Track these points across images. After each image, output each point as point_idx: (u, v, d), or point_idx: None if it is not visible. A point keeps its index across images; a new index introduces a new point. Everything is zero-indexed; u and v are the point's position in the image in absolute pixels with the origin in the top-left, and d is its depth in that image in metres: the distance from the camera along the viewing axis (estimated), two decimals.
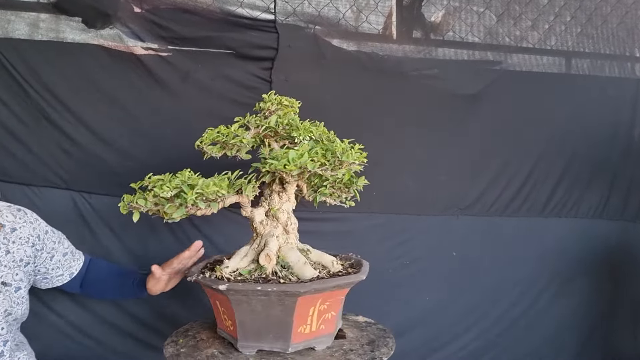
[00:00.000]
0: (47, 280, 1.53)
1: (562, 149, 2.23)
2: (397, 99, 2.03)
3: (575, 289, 2.25)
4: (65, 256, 1.53)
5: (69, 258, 1.54)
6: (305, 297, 1.17)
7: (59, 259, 1.51)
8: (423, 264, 2.10)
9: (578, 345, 2.26)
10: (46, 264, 1.48)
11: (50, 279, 1.53)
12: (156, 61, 1.82)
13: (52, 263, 1.49)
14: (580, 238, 2.27)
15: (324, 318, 1.26)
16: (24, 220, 1.41)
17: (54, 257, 1.49)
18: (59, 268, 1.52)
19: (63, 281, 1.55)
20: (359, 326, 1.46)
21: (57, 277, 1.53)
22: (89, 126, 1.83)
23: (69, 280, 1.56)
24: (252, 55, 1.88)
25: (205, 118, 1.79)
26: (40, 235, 1.44)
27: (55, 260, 1.50)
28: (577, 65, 2.30)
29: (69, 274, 1.55)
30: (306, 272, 1.25)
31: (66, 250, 1.53)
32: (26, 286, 1.42)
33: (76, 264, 1.56)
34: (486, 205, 2.16)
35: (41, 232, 1.45)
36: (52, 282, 1.54)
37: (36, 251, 1.44)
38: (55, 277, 1.53)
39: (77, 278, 1.58)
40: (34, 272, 1.47)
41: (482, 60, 2.16)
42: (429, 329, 2.10)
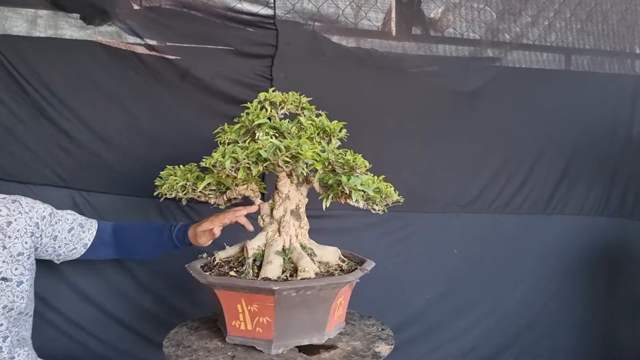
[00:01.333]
0: (62, 257, 1.53)
1: (562, 146, 2.22)
2: (397, 95, 2.03)
3: (575, 287, 2.25)
4: (71, 231, 1.51)
5: (77, 231, 1.52)
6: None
7: (64, 237, 1.49)
8: (423, 261, 2.09)
9: (578, 343, 2.26)
10: (51, 244, 1.47)
11: (65, 254, 1.52)
12: (155, 58, 1.82)
13: (57, 242, 1.48)
14: (580, 235, 2.27)
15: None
16: (19, 212, 1.40)
17: (57, 237, 1.48)
18: (68, 244, 1.50)
19: (80, 253, 1.54)
20: (358, 322, 1.46)
21: (70, 252, 1.52)
22: (87, 124, 1.83)
23: (86, 251, 1.54)
24: (251, 52, 1.88)
25: (205, 116, 1.85)
26: (38, 223, 1.43)
27: (61, 239, 1.49)
28: (577, 61, 2.29)
29: (82, 246, 1.53)
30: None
31: (71, 225, 1.51)
32: (29, 279, 1.41)
33: (87, 235, 1.54)
34: (486, 203, 2.16)
35: (38, 218, 1.43)
36: (68, 256, 1.53)
37: (36, 239, 1.43)
38: (69, 252, 1.52)
39: (100, 245, 1.56)
40: (43, 252, 1.47)
41: (482, 57, 2.15)
42: (430, 326, 2.10)
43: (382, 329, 1.41)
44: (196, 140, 1.72)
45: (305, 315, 1.23)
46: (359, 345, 1.29)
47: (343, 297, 1.34)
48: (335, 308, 1.30)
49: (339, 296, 1.29)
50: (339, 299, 1.30)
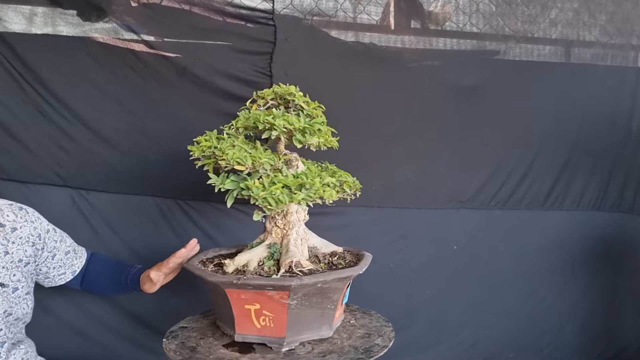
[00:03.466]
0: (49, 280, 1.53)
1: (562, 140, 2.21)
2: (397, 90, 2.01)
3: (575, 282, 2.25)
4: (67, 254, 1.52)
5: (71, 256, 1.54)
6: None
7: (61, 258, 1.50)
8: (423, 257, 2.09)
9: (579, 337, 2.26)
10: (48, 263, 1.48)
11: (53, 277, 1.52)
12: (152, 55, 1.80)
13: (53, 262, 1.49)
14: (578, 230, 2.26)
15: None
16: (25, 220, 1.40)
17: (55, 256, 1.48)
18: (61, 267, 1.51)
19: (66, 279, 1.55)
20: (358, 316, 1.46)
21: (59, 275, 1.52)
22: (85, 122, 1.81)
23: (71, 278, 1.55)
24: (250, 48, 1.86)
25: (204, 113, 1.84)
26: (41, 235, 1.43)
27: (57, 259, 1.49)
28: (578, 54, 2.27)
29: (71, 272, 1.54)
30: None
31: (68, 249, 1.53)
32: (25, 286, 1.41)
33: (78, 262, 1.56)
34: (487, 198, 2.15)
35: (42, 231, 1.44)
36: (54, 280, 1.53)
37: (36, 250, 1.43)
38: (58, 275, 1.52)
39: (79, 275, 1.58)
40: (35, 271, 1.46)
41: (482, 51, 2.13)
42: (430, 322, 2.10)
43: (382, 323, 1.41)
44: (194, 137, 1.64)
45: (316, 311, 1.23)
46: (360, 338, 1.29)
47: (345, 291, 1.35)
48: (340, 301, 1.31)
49: (345, 289, 1.31)
50: (344, 292, 1.32)
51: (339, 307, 1.33)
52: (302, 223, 1.38)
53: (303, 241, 1.36)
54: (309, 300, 1.20)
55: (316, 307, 1.23)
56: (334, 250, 1.43)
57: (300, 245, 1.33)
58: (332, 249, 1.43)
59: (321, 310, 1.24)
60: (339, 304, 1.30)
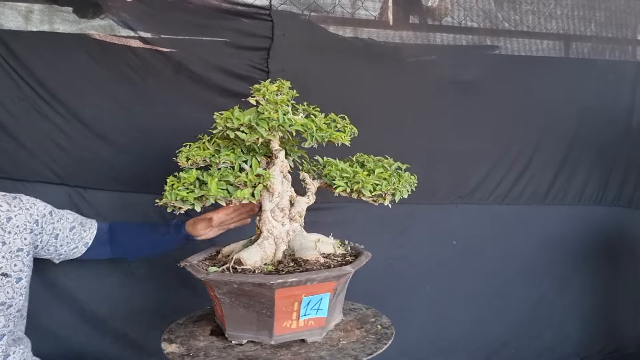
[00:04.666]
0: (62, 256, 1.53)
1: (561, 135, 2.21)
2: (396, 85, 2.00)
3: (575, 277, 2.25)
4: (72, 230, 1.51)
5: (78, 230, 1.52)
6: None
7: (66, 235, 1.49)
8: (423, 253, 2.08)
9: (580, 333, 2.26)
10: (52, 243, 1.47)
11: (66, 253, 1.52)
12: (149, 52, 1.79)
13: (58, 241, 1.48)
14: (578, 225, 2.26)
15: None
16: (19, 208, 1.39)
17: (58, 235, 1.47)
18: (69, 243, 1.51)
19: (80, 252, 1.54)
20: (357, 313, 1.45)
21: (72, 250, 1.52)
22: (82, 120, 1.80)
23: (86, 250, 1.54)
24: (247, 44, 1.85)
25: (201, 109, 1.78)
26: (38, 220, 1.42)
27: (62, 237, 1.49)
28: (576, 49, 2.27)
29: (83, 245, 1.53)
30: None
31: (73, 224, 1.51)
32: (27, 276, 1.41)
33: (88, 233, 1.54)
34: (486, 193, 2.15)
35: (39, 216, 1.43)
36: (69, 255, 1.53)
37: (35, 236, 1.42)
38: (70, 251, 1.52)
39: (99, 245, 1.56)
40: (44, 251, 1.47)
41: (480, 46, 2.13)
42: (430, 318, 2.09)
43: (382, 320, 1.40)
44: (192, 135, 1.64)
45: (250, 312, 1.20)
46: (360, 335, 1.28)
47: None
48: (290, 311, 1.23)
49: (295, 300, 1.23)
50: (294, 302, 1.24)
51: (288, 318, 1.21)
52: (279, 222, 1.34)
53: (278, 240, 1.33)
54: (239, 300, 1.19)
55: (249, 309, 1.19)
56: (330, 253, 1.35)
57: (265, 243, 1.31)
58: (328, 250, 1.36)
59: (256, 314, 1.20)
60: (280, 313, 1.18)
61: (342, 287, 1.29)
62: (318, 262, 1.25)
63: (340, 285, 1.24)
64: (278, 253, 1.31)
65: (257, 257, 1.28)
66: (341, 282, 1.24)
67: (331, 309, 1.25)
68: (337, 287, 1.22)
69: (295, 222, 1.35)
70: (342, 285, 1.26)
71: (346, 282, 1.29)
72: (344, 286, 1.31)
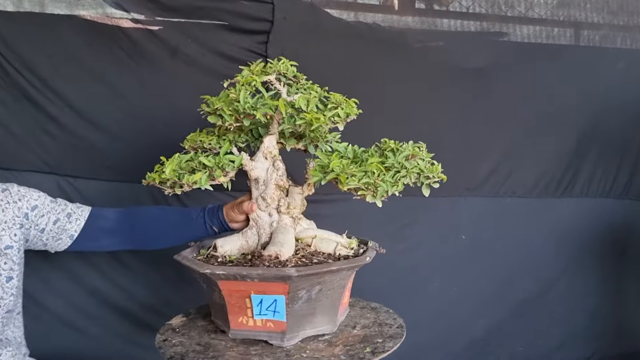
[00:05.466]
0: (52, 247, 1.43)
1: (572, 125, 2.15)
2: (401, 73, 1.93)
3: (584, 271, 2.20)
4: (56, 223, 1.40)
5: (63, 222, 1.40)
6: None
7: (50, 229, 1.39)
8: (430, 248, 2.02)
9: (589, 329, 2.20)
10: (39, 237, 1.38)
11: (51, 246, 1.42)
12: (143, 35, 1.71)
13: (44, 235, 1.39)
14: (588, 218, 2.21)
15: None
16: (7, 202, 1.30)
17: (44, 230, 1.38)
18: (53, 237, 1.40)
19: (66, 244, 1.42)
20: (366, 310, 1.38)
21: (56, 242, 1.41)
22: (73, 106, 1.72)
23: (73, 242, 1.42)
24: (246, 28, 1.77)
25: (197, 95, 1.71)
26: (28, 214, 1.34)
27: (47, 231, 1.39)
28: (588, 36, 2.20)
29: (68, 237, 1.41)
30: None
31: (58, 216, 1.40)
32: (19, 274, 1.33)
33: (74, 225, 1.41)
34: (495, 186, 2.09)
35: (28, 208, 1.34)
36: (55, 247, 1.43)
37: (26, 230, 1.34)
38: (54, 243, 1.41)
39: (101, 234, 1.44)
40: (34, 245, 1.39)
41: (488, 32, 2.06)
42: (439, 315, 2.03)
43: (392, 317, 1.32)
44: (188, 121, 1.60)
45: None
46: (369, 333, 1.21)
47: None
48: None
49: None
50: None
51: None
52: (265, 212, 1.27)
53: (261, 231, 1.27)
54: (208, 287, 1.19)
55: (214, 298, 1.18)
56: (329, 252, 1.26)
57: (248, 233, 1.28)
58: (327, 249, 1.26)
59: (220, 305, 1.17)
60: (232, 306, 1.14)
61: (308, 294, 1.12)
62: (276, 259, 1.15)
63: (301, 291, 1.11)
64: (260, 244, 1.26)
65: (234, 245, 1.25)
66: (298, 287, 1.09)
67: (296, 315, 1.13)
68: (294, 291, 1.10)
69: (286, 214, 1.27)
70: (305, 291, 1.11)
71: (320, 291, 1.13)
72: (321, 293, 1.14)
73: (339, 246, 1.25)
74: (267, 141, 1.27)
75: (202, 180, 1.17)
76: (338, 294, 1.19)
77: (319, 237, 1.27)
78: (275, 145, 1.29)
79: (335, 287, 1.16)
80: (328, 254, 1.23)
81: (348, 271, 1.16)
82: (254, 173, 1.25)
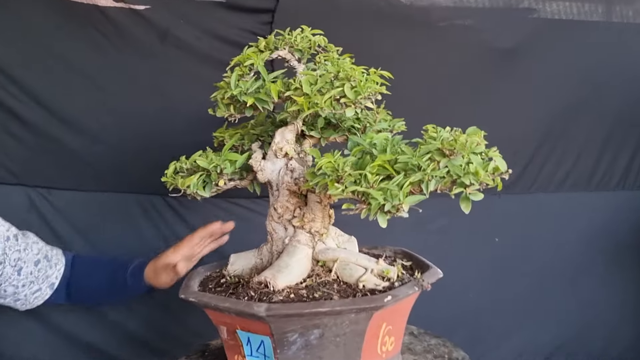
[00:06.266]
0: (21, 301, 1.22)
1: (604, 110, 1.97)
2: (423, 55, 1.73)
3: (627, 274, 2.04)
4: (37, 265, 1.21)
5: (44, 266, 1.22)
6: None
7: (30, 271, 1.20)
8: (462, 253, 1.84)
9: (635, 341, 2.05)
10: (13, 280, 1.17)
11: (26, 298, 1.21)
12: (125, 14, 1.49)
13: (21, 278, 1.18)
14: (624, 212, 2.04)
15: None
16: None
17: (22, 269, 1.18)
18: (32, 283, 1.20)
19: (44, 297, 1.25)
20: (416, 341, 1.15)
21: (33, 294, 1.22)
22: (42, 102, 1.54)
23: (51, 293, 1.25)
24: (247, 6, 1.57)
25: (191, 86, 1.56)
26: (3, 247, 1.14)
27: (25, 274, 1.19)
28: (620, 12, 2.01)
29: (48, 286, 1.24)
30: None
31: (38, 257, 1.22)
32: None
33: (54, 271, 1.25)
34: (529, 181, 1.93)
35: (2, 239, 1.15)
36: (29, 301, 1.23)
37: None
38: (31, 294, 1.22)
39: (62, 286, 1.28)
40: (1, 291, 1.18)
41: (518, 8, 1.85)
42: (475, 327, 1.87)
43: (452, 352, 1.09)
44: (181, 117, 1.53)
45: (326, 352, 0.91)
46: None
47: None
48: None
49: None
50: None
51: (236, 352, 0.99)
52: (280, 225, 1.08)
53: (274, 248, 1.09)
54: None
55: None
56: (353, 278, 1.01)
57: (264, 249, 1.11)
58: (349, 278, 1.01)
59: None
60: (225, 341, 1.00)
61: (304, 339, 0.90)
62: (265, 288, 0.95)
63: (290, 334, 0.89)
64: None
65: (247, 263, 1.10)
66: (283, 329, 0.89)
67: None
68: (279, 334, 0.88)
69: (301, 229, 1.05)
70: (297, 335, 0.90)
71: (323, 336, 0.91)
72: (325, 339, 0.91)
73: (367, 274, 0.99)
74: (278, 136, 1.06)
75: (194, 185, 1.03)
76: (354, 342, 0.92)
77: (342, 261, 1.02)
78: (290, 140, 1.07)
79: (346, 332, 0.90)
80: (349, 284, 0.99)
81: (357, 314, 0.89)
82: (262, 175, 1.05)
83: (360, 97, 0.97)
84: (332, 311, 0.86)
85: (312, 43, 1.16)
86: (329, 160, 0.90)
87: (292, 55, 1.16)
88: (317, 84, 0.97)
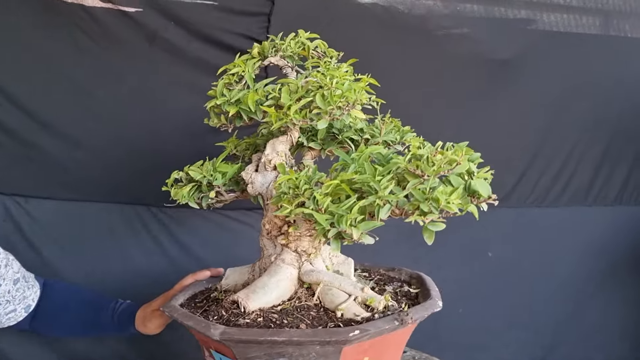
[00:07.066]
0: None
1: (602, 124, 1.97)
2: (420, 63, 1.71)
3: (625, 289, 2.03)
4: (16, 284, 1.15)
5: (22, 286, 1.17)
6: None
7: (8, 290, 1.14)
8: (452, 268, 1.80)
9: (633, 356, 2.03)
10: None
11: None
12: (111, 15, 1.42)
13: None
14: (621, 228, 2.04)
15: None
16: None
17: (0, 286, 1.12)
18: (9, 302, 1.15)
19: (18, 318, 1.18)
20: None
21: (7, 314, 1.16)
22: (21, 106, 1.46)
23: (26, 316, 1.19)
24: (241, 8, 1.51)
25: (181, 92, 1.50)
26: None
27: (3, 292, 1.13)
28: (617, 25, 2.01)
29: (24, 307, 1.18)
30: None
31: (17, 276, 1.16)
32: None
33: (31, 293, 1.19)
34: (524, 195, 1.90)
35: None
36: (0, 321, 1.17)
37: None
38: (5, 314, 1.15)
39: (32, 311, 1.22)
40: None
41: (515, 19, 1.83)
42: (464, 343, 1.83)
43: None
44: (170, 125, 1.48)
45: None
46: None
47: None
48: None
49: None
50: None
51: None
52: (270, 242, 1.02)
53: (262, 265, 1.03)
54: None
55: None
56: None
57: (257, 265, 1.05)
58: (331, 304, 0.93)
59: None
60: None
61: None
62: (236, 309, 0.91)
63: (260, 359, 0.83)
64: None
65: (240, 278, 1.06)
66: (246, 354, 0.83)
67: None
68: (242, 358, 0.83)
69: (287, 248, 0.98)
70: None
71: None
72: None
73: (348, 302, 0.91)
74: (268, 147, 1.03)
75: (182, 197, 1.01)
76: None
77: (325, 285, 0.94)
78: (281, 152, 1.03)
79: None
80: (329, 311, 0.91)
81: (322, 347, 0.81)
82: (252, 189, 1.02)
83: (331, 108, 0.91)
84: (290, 341, 0.80)
85: (307, 48, 1.11)
86: (290, 177, 0.85)
87: (285, 62, 1.11)
88: (298, 93, 0.92)
